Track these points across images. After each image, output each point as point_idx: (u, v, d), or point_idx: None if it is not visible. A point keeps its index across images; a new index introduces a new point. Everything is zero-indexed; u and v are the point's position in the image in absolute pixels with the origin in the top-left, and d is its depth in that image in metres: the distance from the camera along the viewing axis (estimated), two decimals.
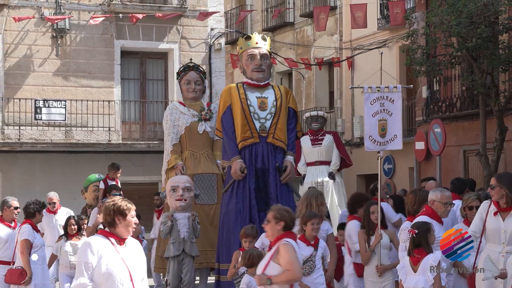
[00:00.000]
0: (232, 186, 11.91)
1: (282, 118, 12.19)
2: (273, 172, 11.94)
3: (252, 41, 12.41)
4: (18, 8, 22.30)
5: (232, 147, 11.95)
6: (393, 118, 10.42)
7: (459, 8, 15.60)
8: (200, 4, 23.85)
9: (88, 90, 22.94)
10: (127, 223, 6.35)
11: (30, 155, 22.43)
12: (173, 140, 12.84)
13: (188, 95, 13.13)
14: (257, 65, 12.17)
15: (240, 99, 12.05)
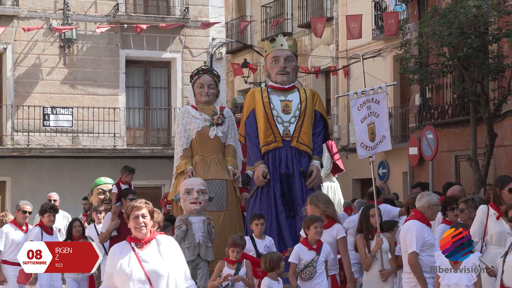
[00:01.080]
0: (256, 192, 11.21)
1: (306, 122, 11.31)
2: (298, 177, 11.13)
3: (277, 43, 11.66)
4: (27, 19, 22.34)
5: (255, 152, 11.29)
6: (380, 119, 10.03)
7: (451, 19, 15.63)
8: (202, 15, 23.89)
9: (94, 97, 22.98)
10: (133, 224, 6.34)
11: (38, 160, 22.45)
12: (184, 144, 12.05)
13: (201, 98, 12.22)
14: (281, 68, 11.42)
15: (263, 103, 11.34)
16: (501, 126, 17.57)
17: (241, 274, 9.18)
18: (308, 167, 11.16)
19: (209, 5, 24.10)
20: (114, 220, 11.57)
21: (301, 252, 8.96)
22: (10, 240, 11.24)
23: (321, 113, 11.55)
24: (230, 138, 12.05)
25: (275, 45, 11.55)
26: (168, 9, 23.80)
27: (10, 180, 22.40)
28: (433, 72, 17.02)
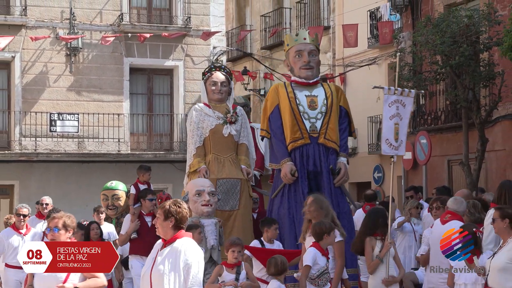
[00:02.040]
0: (283, 190, 10.46)
1: (333, 118, 10.62)
2: (326, 174, 10.41)
3: (300, 36, 10.95)
4: (35, 29, 22.37)
5: (281, 149, 10.52)
6: (402, 123, 9.63)
7: (443, 28, 15.66)
8: (203, 25, 23.92)
9: (99, 104, 22.99)
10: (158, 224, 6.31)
11: (45, 164, 22.47)
12: (197, 143, 11.32)
13: (214, 96, 11.53)
14: (305, 62, 10.68)
15: (288, 98, 10.59)
16: (492, 132, 17.60)
17: (242, 277, 8.67)
18: (335, 164, 10.57)
19: (210, 14, 24.14)
20: (133, 222, 11.00)
21: (317, 256, 8.37)
22: (7, 244, 10.98)
23: (346, 109, 10.95)
24: (243, 137, 11.51)
25: (298, 39, 10.90)
26: (171, 19, 23.82)
27: (18, 184, 22.42)
28: (427, 79, 17.04)
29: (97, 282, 6.61)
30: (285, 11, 28.16)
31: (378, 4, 23.41)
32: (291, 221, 10.30)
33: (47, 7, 22.55)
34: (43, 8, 22.51)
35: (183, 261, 6.14)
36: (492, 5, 16.66)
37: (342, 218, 9.90)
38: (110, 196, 12.55)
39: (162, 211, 6.29)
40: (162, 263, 6.16)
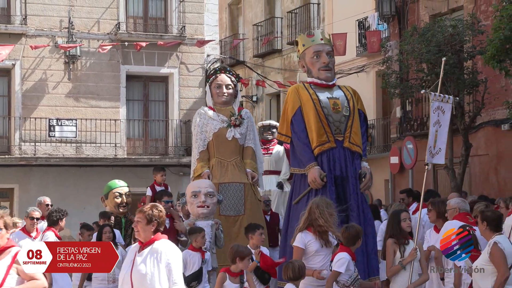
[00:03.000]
0: (308, 196, 9.52)
1: (356, 121, 9.97)
2: (352, 180, 9.67)
3: (316, 37, 10.22)
4: (34, 37, 22.37)
5: (307, 153, 9.65)
6: (441, 130, 9.11)
7: (429, 37, 15.72)
8: (198, 33, 23.95)
9: (97, 110, 22.99)
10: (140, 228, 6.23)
11: (44, 168, 22.44)
12: (200, 147, 10.76)
13: (219, 99, 10.96)
14: (324, 63, 9.97)
15: (312, 100, 9.80)
16: (476, 137, 17.68)
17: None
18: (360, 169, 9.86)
19: (204, 24, 24.16)
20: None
21: (349, 262, 7.71)
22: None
23: (364, 112, 10.32)
24: (249, 140, 10.97)
25: (315, 39, 10.16)
26: (166, 28, 23.85)
27: (18, 187, 22.39)
28: (413, 86, 17.09)
29: (37, 285, 6.17)
30: (277, 21, 28.21)
31: (366, 14, 23.48)
32: None
33: (46, 16, 22.55)
34: (42, 18, 22.52)
35: (165, 261, 6.11)
36: (476, 15, 16.75)
37: (366, 225, 9.38)
38: (124, 193, 12.00)
39: (144, 216, 6.21)
40: (143, 264, 6.10)
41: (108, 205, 12.05)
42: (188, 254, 8.88)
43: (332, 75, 10.13)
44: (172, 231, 9.56)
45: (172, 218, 10.02)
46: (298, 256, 7.83)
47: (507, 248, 7.36)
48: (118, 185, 12.21)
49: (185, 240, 9.46)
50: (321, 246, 7.90)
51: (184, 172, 23.22)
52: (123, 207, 11.86)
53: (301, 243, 7.89)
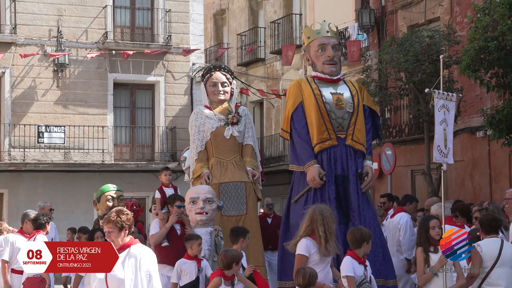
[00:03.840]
0: (307, 195, 8.98)
1: (360, 118, 9.23)
2: (353, 179, 9.00)
3: (322, 29, 9.43)
4: (24, 46, 22.31)
5: (307, 150, 9.01)
6: (448, 129, 8.50)
7: (407, 47, 15.82)
8: (183, 42, 23.97)
9: (85, 117, 22.94)
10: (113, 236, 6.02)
11: (33, 174, 22.36)
12: (198, 147, 10.17)
13: (215, 98, 10.36)
14: (329, 57, 9.26)
15: (314, 95, 9.10)
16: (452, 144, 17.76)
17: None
18: (362, 168, 9.19)
19: (189, 33, 24.19)
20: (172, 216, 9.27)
21: (355, 266, 7.35)
22: (16, 249, 9.97)
23: (371, 107, 9.60)
24: (247, 138, 10.41)
25: (321, 32, 9.42)
26: (153, 37, 23.85)
27: (7, 192, 22.29)
28: (392, 94, 17.19)
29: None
30: (260, 30, 28.28)
31: (347, 25, 23.57)
32: None
33: (35, 25, 22.50)
34: (32, 27, 22.47)
35: (144, 267, 5.94)
36: (452, 26, 16.88)
37: (368, 225, 8.63)
38: (117, 197, 11.47)
39: (114, 225, 5.99)
40: (121, 269, 5.90)
41: (100, 208, 11.46)
42: (183, 263, 8.38)
43: (337, 70, 9.43)
44: (182, 238, 8.90)
45: (183, 225, 9.24)
46: (301, 265, 7.28)
47: (485, 251, 7.44)
48: (111, 189, 11.69)
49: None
50: (322, 255, 7.40)
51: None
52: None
53: (306, 251, 7.36)
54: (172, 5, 23.80)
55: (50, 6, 22.58)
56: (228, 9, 30.53)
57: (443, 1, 18.99)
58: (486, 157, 17.34)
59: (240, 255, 7.70)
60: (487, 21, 12.26)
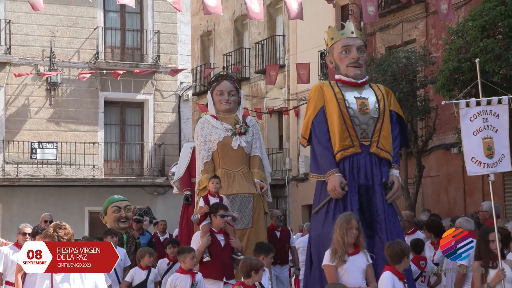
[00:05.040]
0: (327, 206, 8.09)
1: (386, 124, 8.25)
2: (379, 189, 8.05)
3: (347, 30, 8.53)
4: (18, 66, 22.28)
5: (328, 158, 8.07)
6: (499, 135, 7.62)
7: (385, 67, 15.90)
8: (171, 62, 24.00)
9: (76, 133, 22.89)
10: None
11: (26, 189, 22.26)
12: (205, 158, 9.48)
13: (221, 107, 9.66)
14: (353, 59, 8.31)
15: (336, 99, 8.14)
16: (428, 160, 17.87)
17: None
18: (387, 178, 8.22)
19: (177, 53, 24.23)
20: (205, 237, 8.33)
21: (395, 282, 6.60)
22: (10, 262, 9.60)
23: (398, 113, 8.60)
24: (255, 148, 9.74)
25: (345, 32, 8.52)
26: (142, 57, 23.88)
27: (1, 206, 22.15)
28: None
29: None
30: (245, 51, 28.38)
31: None
32: None
33: (29, 46, 22.48)
34: (26, 47, 22.45)
35: (91, 280, 5.77)
36: (427, 47, 17.00)
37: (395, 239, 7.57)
38: (123, 207, 10.82)
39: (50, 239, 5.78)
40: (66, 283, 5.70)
41: (108, 221, 10.76)
42: (176, 277, 7.82)
43: (362, 73, 8.44)
44: (227, 249, 8.33)
45: (227, 234, 8.45)
46: (330, 276, 6.79)
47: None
48: (117, 199, 11.05)
49: (241, 259, 7.88)
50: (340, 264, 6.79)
51: (158, 192, 23.20)
52: (123, 221, 10.63)
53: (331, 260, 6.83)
54: (161, 26, 23.84)
55: (43, 28, 22.59)
56: (214, 30, 30.63)
57: (419, 24, 19.16)
58: (460, 172, 17.43)
59: (259, 264, 7.05)
60: (461, 43, 12.39)
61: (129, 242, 10.38)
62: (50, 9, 22.00)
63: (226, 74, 10.04)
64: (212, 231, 8.34)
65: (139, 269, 9.07)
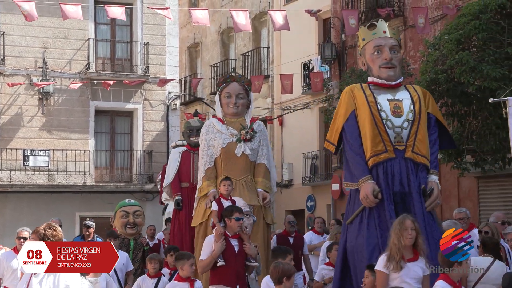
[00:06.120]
0: (361, 215, 7.32)
1: (422, 127, 7.47)
2: (417, 197, 7.29)
3: (379, 29, 7.75)
4: (11, 76, 22.22)
5: (360, 165, 7.32)
6: None
7: (365, 79, 15.98)
8: (160, 73, 24.02)
9: (68, 141, 22.85)
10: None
11: (19, 195, 22.18)
12: (207, 164, 8.67)
13: (228, 110, 8.82)
14: (386, 60, 7.57)
15: (368, 103, 7.42)
16: None
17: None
18: (426, 184, 7.43)
19: (166, 64, 24.25)
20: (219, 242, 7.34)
21: None
22: (6, 267, 9.17)
23: (436, 116, 7.77)
24: (261, 156, 8.87)
25: (377, 32, 7.74)
26: (131, 68, 23.89)
27: None
28: None
29: None
30: (231, 62, 28.46)
31: (310, 57, 23.83)
32: (373, 253, 6.99)
33: (22, 57, 22.44)
34: (19, 58, 22.40)
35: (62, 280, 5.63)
36: (405, 59, 17.13)
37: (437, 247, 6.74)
38: (132, 212, 10.17)
39: (36, 236, 5.70)
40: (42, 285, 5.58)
41: (116, 226, 10.14)
42: (174, 285, 7.27)
43: (396, 74, 7.65)
44: (241, 255, 7.39)
45: (241, 240, 7.50)
46: (380, 282, 6.21)
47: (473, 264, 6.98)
48: (127, 204, 10.36)
49: (255, 266, 7.35)
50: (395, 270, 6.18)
51: (147, 197, 23.18)
52: (131, 227, 10.01)
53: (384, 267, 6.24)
54: (150, 38, 23.87)
55: (36, 39, 22.55)
56: (201, 42, 30.70)
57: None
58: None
59: (292, 269, 6.37)
60: (437, 55, 12.49)
61: (136, 249, 9.85)
62: (42, 22, 21.99)
63: (236, 76, 9.28)
64: (226, 235, 7.41)
65: (147, 278, 8.35)
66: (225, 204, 7.77)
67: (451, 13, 16.64)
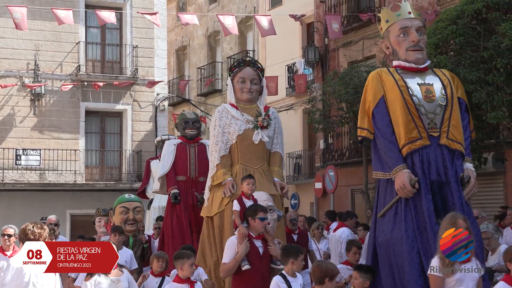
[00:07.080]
0: (396, 207, 6.62)
1: (455, 112, 6.82)
2: (455, 186, 6.61)
3: (403, 10, 7.04)
4: (4, 77, 22.13)
5: (393, 153, 6.62)
6: None
7: (347, 81, 16.10)
8: (149, 75, 24.01)
9: (59, 141, 22.79)
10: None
11: (11, 193, 22.10)
12: (222, 151, 7.92)
13: (242, 96, 8.11)
14: (413, 42, 6.87)
15: (398, 87, 6.73)
16: None
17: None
18: (463, 172, 6.78)
19: (154, 66, 24.24)
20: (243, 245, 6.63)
21: None
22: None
23: (466, 102, 7.10)
24: (276, 144, 8.18)
25: (401, 13, 7.03)
26: (121, 70, 23.86)
27: None
28: (334, 122, 17.41)
29: None
30: (218, 65, 28.48)
31: (294, 60, 23.90)
32: (411, 248, 6.39)
33: (15, 59, 22.36)
34: (11, 60, 22.32)
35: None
36: (386, 63, 17.23)
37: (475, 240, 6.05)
38: (132, 208, 9.59)
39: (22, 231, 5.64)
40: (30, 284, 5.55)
41: (115, 221, 9.61)
42: (172, 287, 6.64)
43: (424, 57, 6.98)
44: (266, 257, 6.76)
45: (265, 241, 6.83)
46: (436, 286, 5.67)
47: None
48: (127, 199, 9.76)
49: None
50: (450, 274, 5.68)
51: None
52: (131, 224, 9.45)
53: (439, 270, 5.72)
54: (139, 41, 23.86)
55: (28, 42, 22.48)
56: (189, 45, 30.69)
57: (378, 41, 19.41)
58: None
59: (335, 270, 5.86)
60: None
61: (135, 247, 9.32)
62: (34, 25, 21.92)
63: (249, 60, 8.45)
64: (250, 236, 6.70)
65: (150, 276, 7.63)
66: (247, 203, 7.03)
67: (429, 18, 16.76)
